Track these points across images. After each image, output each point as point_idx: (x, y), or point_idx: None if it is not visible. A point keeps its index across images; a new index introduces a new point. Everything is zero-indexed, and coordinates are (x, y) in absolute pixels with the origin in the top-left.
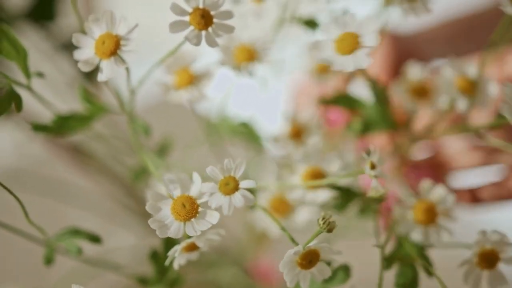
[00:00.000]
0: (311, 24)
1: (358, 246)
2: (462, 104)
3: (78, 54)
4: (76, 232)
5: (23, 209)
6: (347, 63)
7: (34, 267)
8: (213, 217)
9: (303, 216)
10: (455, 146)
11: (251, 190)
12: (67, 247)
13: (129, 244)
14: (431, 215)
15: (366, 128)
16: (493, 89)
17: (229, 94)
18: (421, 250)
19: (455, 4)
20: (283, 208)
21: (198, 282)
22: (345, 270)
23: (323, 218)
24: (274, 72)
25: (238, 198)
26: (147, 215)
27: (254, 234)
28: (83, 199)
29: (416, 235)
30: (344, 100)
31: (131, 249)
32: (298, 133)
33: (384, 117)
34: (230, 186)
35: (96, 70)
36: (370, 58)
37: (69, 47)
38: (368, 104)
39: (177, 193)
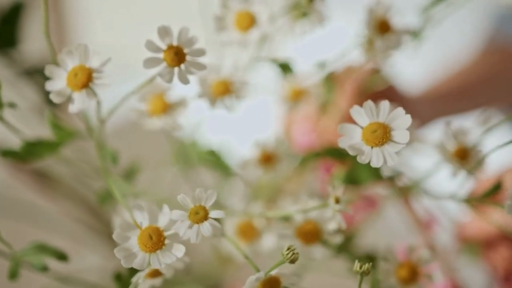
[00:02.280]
0: (285, 67)
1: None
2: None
3: (50, 86)
4: (42, 249)
5: None
6: (374, 156)
7: None
8: (179, 251)
9: (270, 241)
10: None
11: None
12: (32, 263)
13: (95, 265)
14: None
15: (352, 179)
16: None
17: (201, 121)
18: None
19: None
20: (250, 232)
21: None
22: None
23: (288, 249)
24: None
25: (206, 227)
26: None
27: (221, 254)
28: (47, 221)
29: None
30: (334, 153)
31: (97, 270)
32: (267, 159)
33: (371, 171)
34: (199, 215)
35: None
36: (397, 157)
37: (32, 73)
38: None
39: (145, 223)
